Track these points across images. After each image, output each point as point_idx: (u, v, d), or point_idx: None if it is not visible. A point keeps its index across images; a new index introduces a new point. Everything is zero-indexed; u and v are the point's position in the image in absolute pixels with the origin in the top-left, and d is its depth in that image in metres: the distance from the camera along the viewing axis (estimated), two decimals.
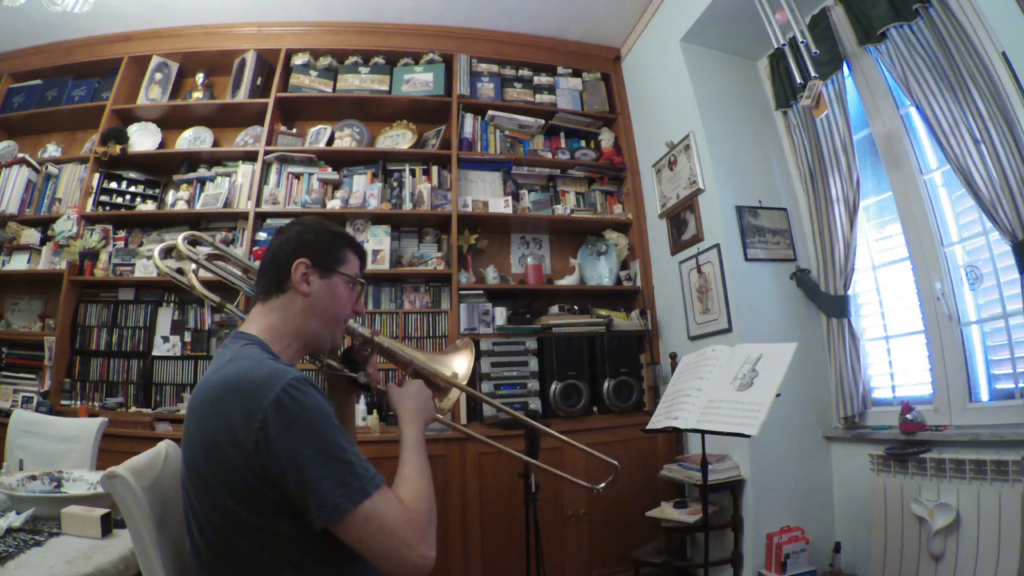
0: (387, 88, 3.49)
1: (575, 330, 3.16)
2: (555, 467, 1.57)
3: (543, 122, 3.63)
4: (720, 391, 1.94)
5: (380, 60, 3.55)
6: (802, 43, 2.31)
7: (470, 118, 3.49)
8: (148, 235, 3.27)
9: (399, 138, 3.53)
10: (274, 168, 3.31)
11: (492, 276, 3.33)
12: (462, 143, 3.42)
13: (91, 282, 3.13)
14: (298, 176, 3.32)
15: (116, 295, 3.18)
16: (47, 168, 3.32)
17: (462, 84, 3.48)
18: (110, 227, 3.20)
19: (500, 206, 3.37)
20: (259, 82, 3.43)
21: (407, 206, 3.28)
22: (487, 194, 3.46)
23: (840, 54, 2.56)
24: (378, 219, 3.30)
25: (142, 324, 3.12)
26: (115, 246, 3.17)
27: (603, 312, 3.32)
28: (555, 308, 3.31)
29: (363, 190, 3.30)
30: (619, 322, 3.29)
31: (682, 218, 3.12)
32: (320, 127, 3.46)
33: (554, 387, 2.98)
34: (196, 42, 3.47)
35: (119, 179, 3.27)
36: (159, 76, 3.46)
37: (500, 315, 3.18)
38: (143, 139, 3.36)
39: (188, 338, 3.11)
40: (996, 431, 1.97)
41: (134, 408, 2.98)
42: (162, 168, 3.40)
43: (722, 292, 2.78)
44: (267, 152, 3.25)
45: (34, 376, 3.03)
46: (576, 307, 3.31)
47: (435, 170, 3.39)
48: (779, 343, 1.93)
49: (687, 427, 1.96)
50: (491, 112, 3.49)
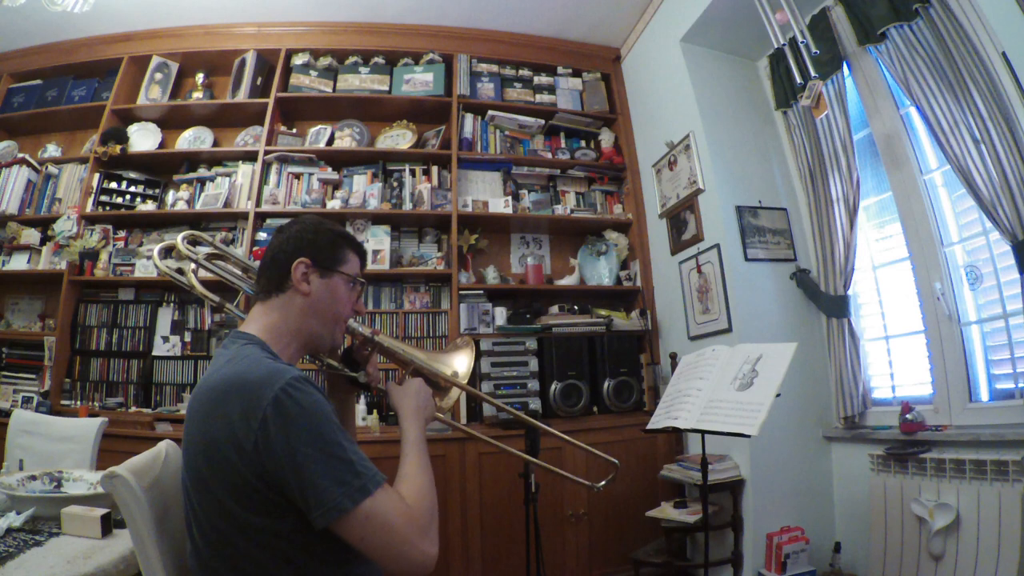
0: (387, 88, 3.49)
1: (575, 330, 3.16)
2: (555, 467, 1.57)
3: (543, 122, 3.63)
4: (720, 391, 1.94)
5: (380, 60, 3.55)
6: (802, 43, 2.31)
7: (470, 118, 3.49)
8: (148, 235, 3.27)
9: (399, 138, 3.53)
10: (274, 168, 3.31)
11: (492, 276, 3.33)
12: (462, 143, 3.42)
13: (91, 282, 3.13)
14: (298, 176, 3.32)
15: (116, 295, 3.18)
16: (47, 168, 3.32)
17: (462, 84, 3.48)
18: (110, 227, 3.20)
19: (500, 206, 3.37)
20: (259, 82, 3.43)
21: (407, 206, 3.28)
22: (487, 194, 3.47)
23: (840, 54, 2.56)
24: (378, 219, 3.30)
25: (142, 324, 3.12)
26: (115, 246, 3.17)
27: (603, 312, 3.32)
28: (555, 308, 3.30)
29: (363, 190, 3.30)
30: (619, 322, 3.29)
31: (682, 218, 3.12)
32: (320, 127, 3.46)
33: (554, 387, 2.98)
34: (196, 42, 3.47)
35: (119, 179, 3.27)
36: (159, 76, 3.46)
37: (500, 315, 3.18)
38: (143, 139, 3.36)
39: (188, 338, 3.11)
40: (996, 431, 1.97)
41: (134, 408, 2.98)
42: (162, 168, 3.40)
43: (722, 292, 2.78)
44: (267, 152, 3.25)
45: (34, 376, 3.03)
46: (576, 307, 3.31)
47: (435, 170, 3.39)
48: (779, 343, 1.94)
49: (687, 427, 1.96)
50: (491, 112, 3.49)
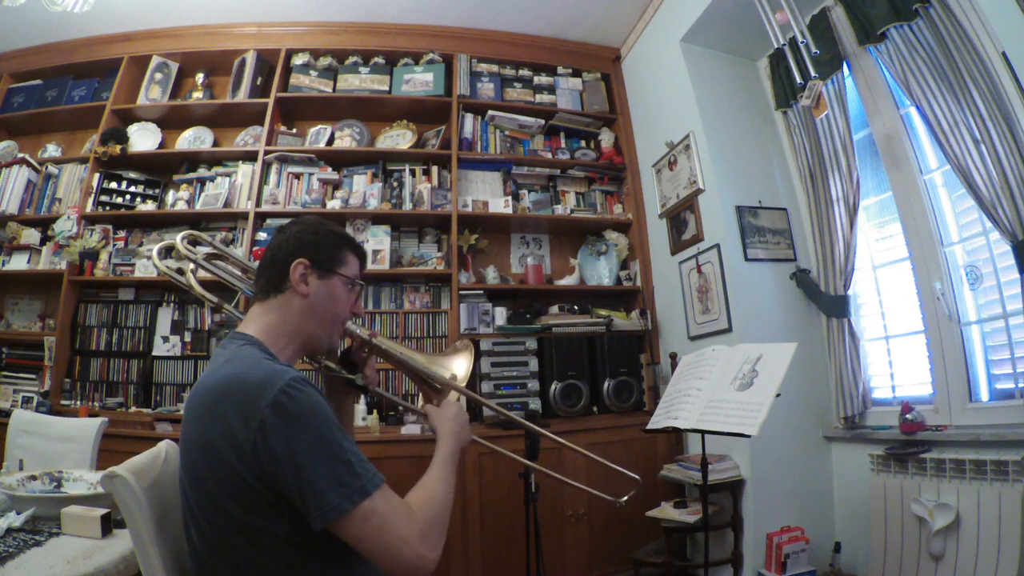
0: (387, 88, 3.49)
1: (575, 330, 3.15)
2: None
3: (543, 122, 3.63)
4: (720, 391, 1.94)
5: (380, 60, 3.55)
6: (802, 43, 2.31)
7: (470, 118, 3.49)
8: (148, 235, 3.27)
9: (399, 138, 3.53)
10: (274, 168, 3.31)
11: (492, 276, 3.32)
12: (462, 143, 3.41)
13: (91, 282, 3.13)
14: (298, 176, 3.32)
15: (116, 295, 3.19)
16: (47, 168, 3.33)
17: (462, 84, 3.48)
18: (110, 227, 3.20)
19: (500, 206, 3.37)
20: (259, 82, 3.43)
21: (407, 206, 3.28)
22: (487, 194, 3.46)
23: (840, 54, 2.56)
24: (378, 219, 3.30)
25: (142, 324, 3.12)
26: (115, 246, 3.18)
27: (603, 312, 3.32)
28: (555, 308, 3.30)
29: (363, 190, 3.30)
30: (619, 322, 3.29)
31: (682, 218, 3.12)
32: (320, 127, 3.45)
33: (554, 387, 2.98)
34: (196, 42, 3.47)
35: (119, 179, 3.27)
36: (159, 76, 3.46)
37: (500, 315, 3.18)
38: (143, 139, 3.36)
39: (188, 338, 3.11)
40: (996, 431, 1.97)
41: (134, 408, 2.98)
42: (162, 168, 3.40)
43: (722, 292, 2.78)
44: (267, 152, 3.25)
45: (34, 376, 3.04)
46: (576, 307, 3.31)
47: (435, 170, 3.39)
48: (779, 343, 1.94)
49: (687, 427, 1.96)
50: (491, 112, 3.49)
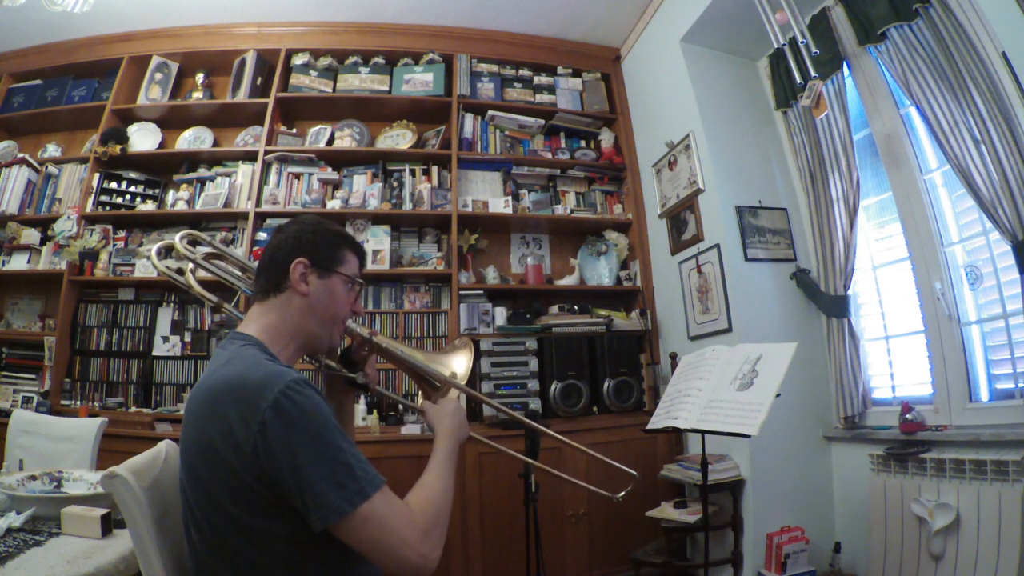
0: (387, 88, 3.49)
1: (575, 330, 3.15)
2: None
3: (543, 122, 3.63)
4: (720, 391, 1.94)
5: (380, 60, 3.55)
6: (802, 43, 2.31)
7: (470, 118, 3.49)
8: (148, 235, 3.27)
9: (399, 138, 3.53)
10: (274, 168, 3.31)
11: (492, 276, 3.32)
12: (462, 143, 3.41)
13: (91, 282, 3.13)
14: (298, 176, 3.32)
15: (116, 295, 3.18)
16: (47, 168, 3.33)
17: (462, 84, 3.48)
18: (110, 227, 3.20)
19: (500, 206, 3.37)
20: (259, 82, 3.43)
21: (407, 206, 3.28)
22: (487, 194, 3.46)
23: (840, 54, 2.56)
24: (378, 219, 3.30)
25: (142, 324, 3.12)
26: (115, 246, 3.18)
27: (603, 312, 3.32)
28: (555, 308, 3.30)
29: (363, 190, 3.30)
30: (619, 322, 3.29)
31: (682, 218, 3.12)
32: (320, 127, 3.45)
33: (554, 387, 2.98)
34: (196, 42, 3.47)
35: (119, 179, 3.27)
36: (159, 76, 3.46)
37: (500, 315, 3.18)
38: (143, 139, 3.36)
39: (188, 338, 3.11)
40: (996, 431, 1.97)
41: (134, 408, 2.98)
42: (162, 168, 3.40)
43: (722, 292, 2.78)
44: (267, 152, 3.25)
45: (34, 376, 3.04)
46: (576, 307, 3.31)
47: (435, 170, 3.39)
48: (779, 343, 1.94)
49: (687, 427, 1.96)
50: (491, 112, 3.49)
